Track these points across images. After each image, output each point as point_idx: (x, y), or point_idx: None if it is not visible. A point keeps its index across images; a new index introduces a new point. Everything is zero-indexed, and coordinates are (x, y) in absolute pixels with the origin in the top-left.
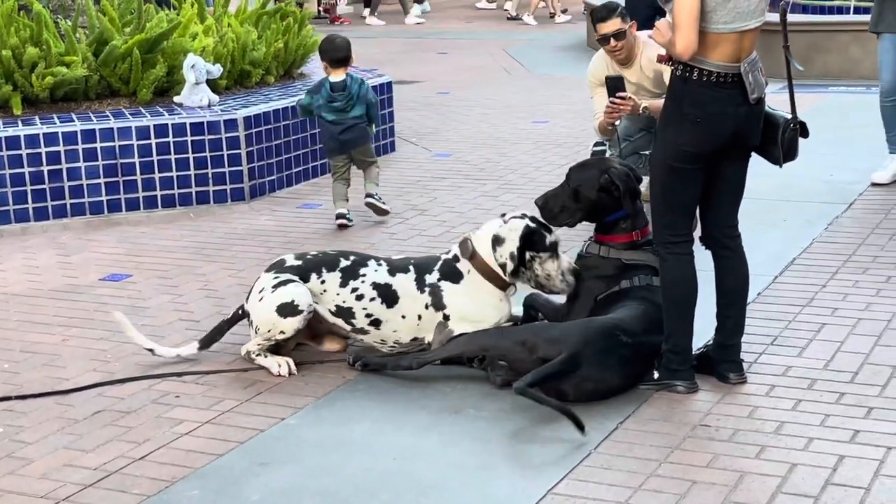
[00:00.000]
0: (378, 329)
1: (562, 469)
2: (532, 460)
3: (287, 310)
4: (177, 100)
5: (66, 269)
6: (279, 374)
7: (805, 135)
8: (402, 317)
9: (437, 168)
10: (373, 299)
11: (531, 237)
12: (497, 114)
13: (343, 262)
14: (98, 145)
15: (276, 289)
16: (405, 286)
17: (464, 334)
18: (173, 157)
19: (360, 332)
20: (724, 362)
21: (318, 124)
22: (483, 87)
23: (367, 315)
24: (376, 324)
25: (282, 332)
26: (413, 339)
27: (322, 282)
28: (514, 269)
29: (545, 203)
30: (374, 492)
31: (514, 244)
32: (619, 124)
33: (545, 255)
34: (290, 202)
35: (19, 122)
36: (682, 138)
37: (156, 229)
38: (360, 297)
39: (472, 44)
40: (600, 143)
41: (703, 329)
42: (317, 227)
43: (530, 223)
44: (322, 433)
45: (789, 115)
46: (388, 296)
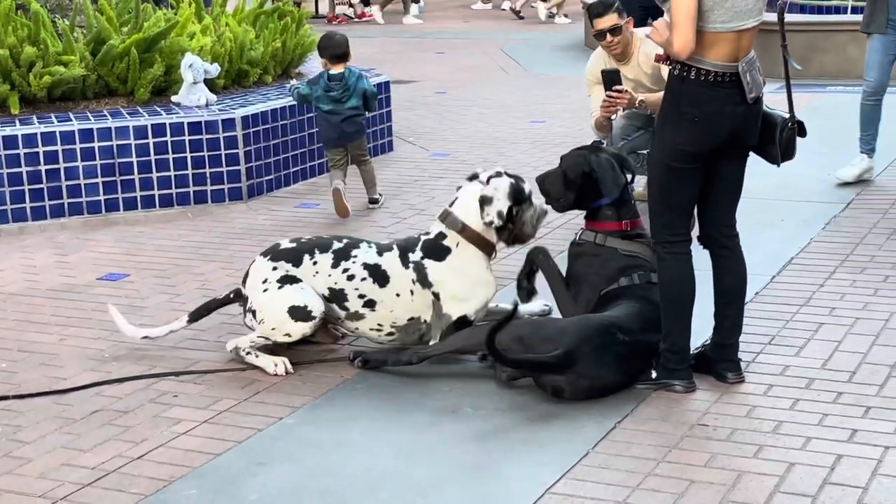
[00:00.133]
0: (373, 311)
1: (560, 468)
2: (530, 459)
3: (300, 314)
4: (174, 99)
5: (63, 268)
6: (276, 374)
7: (803, 134)
8: (397, 294)
9: (434, 167)
10: (364, 279)
11: (517, 192)
12: (494, 113)
13: (336, 245)
14: (96, 145)
15: (282, 285)
16: (392, 263)
17: (463, 330)
18: (171, 156)
19: (355, 317)
20: (721, 362)
21: (315, 118)
22: (480, 87)
23: (361, 296)
24: (371, 305)
25: (287, 334)
26: (410, 320)
27: (314, 262)
28: (502, 226)
29: (542, 182)
30: (373, 491)
31: (502, 202)
32: (615, 119)
33: (526, 204)
34: (287, 202)
35: (17, 121)
36: (679, 138)
37: (153, 229)
38: (351, 278)
39: (470, 43)
40: (598, 141)
41: (701, 328)
42: (314, 226)
43: (511, 179)
44: (320, 433)
45: (787, 115)
46: (379, 275)
